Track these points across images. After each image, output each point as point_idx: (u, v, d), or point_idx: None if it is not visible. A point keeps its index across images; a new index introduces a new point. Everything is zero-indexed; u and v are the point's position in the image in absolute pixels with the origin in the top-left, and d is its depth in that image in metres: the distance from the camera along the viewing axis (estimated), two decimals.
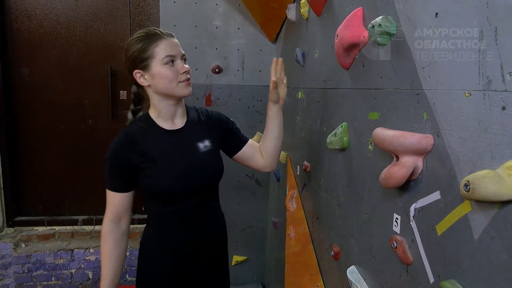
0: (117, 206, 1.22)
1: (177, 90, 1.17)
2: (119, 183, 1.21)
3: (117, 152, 1.18)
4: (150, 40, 1.14)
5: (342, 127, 1.18)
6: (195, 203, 1.25)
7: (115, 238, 1.23)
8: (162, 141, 1.21)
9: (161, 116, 1.23)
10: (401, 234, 0.85)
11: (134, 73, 1.18)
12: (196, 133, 1.27)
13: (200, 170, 1.23)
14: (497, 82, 0.57)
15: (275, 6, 2.10)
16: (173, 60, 1.16)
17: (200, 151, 1.25)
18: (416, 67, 0.79)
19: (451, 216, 0.67)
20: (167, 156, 1.19)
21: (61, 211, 2.81)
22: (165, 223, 1.25)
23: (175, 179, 1.19)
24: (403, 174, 0.77)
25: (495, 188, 0.54)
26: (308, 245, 1.56)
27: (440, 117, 0.71)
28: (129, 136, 1.19)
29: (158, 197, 1.22)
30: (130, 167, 1.18)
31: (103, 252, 1.24)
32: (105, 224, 1.23)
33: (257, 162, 1.37)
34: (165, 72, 1.14)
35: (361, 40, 1.05)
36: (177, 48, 1.18)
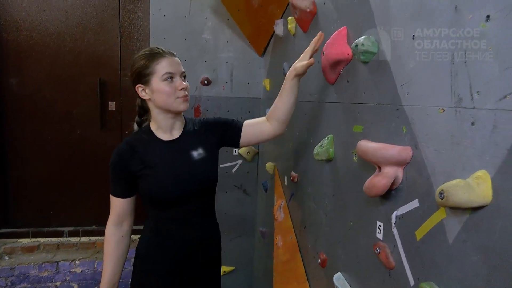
0: (118, 210, 1.32)
1: (174, 105, 1.25)
2: (120, 189, 1.31)
3: (118, 159, 1.28)
4: (153, 58, 1.23)
5: (328, 139, 1.24)
6: (191, 208, 1.33)
7: (116, 239, 1.33)
8: (159, 150, 1.29)
9: (160, 128, 1.31)
10: (384, 240, 0.90)
11: (137, 87, 1.27)
12: (190, 142, 1.34)
13: (194, 176, 1.30)
14: (467, 100, 0.63)
15: (263, 21, 2.17)
16: (172, 77, 1.24)
17: (194, 159, 1.32)
18: (396, 84, 0.85)
19: (429, 222, 0.73)
20: (163, 164, 1.28)
21: (47, 223, 2.77)
22: (162, 227, 1.33)
23: (170, 184, 1.27)
24: (385, 183, 0.82)
25: (466, 196, 0.60)
26: (296, 254, 1.60)
27: (418, 131, 0.77)
28: (130, 145, 1.29)
29: (155, 202, 1.30)
30: (130, 174, 1.27)
31: (105, 253, 1.34)
32: (108, 227, 1.34)
33: (266, 134, 1.39)
34: (164, 88, 1.22)
35: (345, 57, 1.11)
36: (177, 66, 1.26)
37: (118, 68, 2.75)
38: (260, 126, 1.40)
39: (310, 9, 1.45)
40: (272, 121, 1.37)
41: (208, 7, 2.50)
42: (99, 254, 2.66)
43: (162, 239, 1.33)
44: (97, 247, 2.72)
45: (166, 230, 1.33)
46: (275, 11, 2.02)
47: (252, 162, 2.67)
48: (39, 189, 2.73)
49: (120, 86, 2.76)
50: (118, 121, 2.79)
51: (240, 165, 2.66)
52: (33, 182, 2.72)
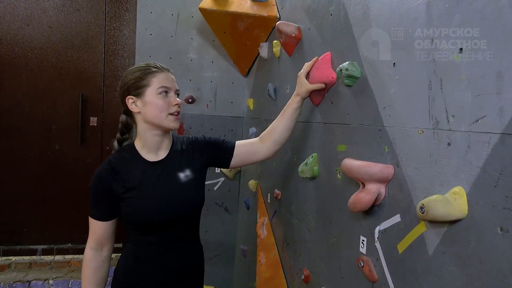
0: (99, 234, 1.23)
1: (165, 122, 1.19)
2: (101, 212, 1.22)
3: (100, 180, 1.19)
4: (149, 71, 1.20)
5: (313, 157, 1.29)
6: (174, 233, 1.26)
7: (96, 265, 1.24)
8: (143, 172, 1.21)
9: (145, 147, 1.24)
10: (367, 254, 0.95)
11: (127, 99, 1.20)
12: (177, 163, 1.27)
13: (180, 200, 1.24)
14: (443, 123, 0.70)
15: (248, 43, 2.25)
16: (166, 92, 1.20)
17: (181, 181, 1.25)
18: (378, 106, 0.92)
19: (410, 236, 0.78)
20: (147, 187, 1.20)
21: (19, 240, 2.68)
22: (143, 253, 1.25)
23: (154, 209, 1.20)
24: (369, 199, 0.87)
25: (445, 210, 0.65)
26: (279, 271, 1.62)
27: (399, 150, 0.83)
28: (112, 166, 1.20)
29: (137, 227, 1.23)
30: (111, 196, 1.19)
31: (84, 278, 1.25)
32: (86, 251, 1.24)
33: (259, 155, 1.36)
34: (157, 102, 1.17)
35: (330, 80, 1.18)
36: (173, 82, 1.23)
37: (101, 84, 2.75)
38: (253, 147, 1.36)
39: (295, 34, 1.53)
40: (268, 142, 1.33)
41: (194, 28, 2.56)
42: (74, 273, 2.58)
43: (142, 266, 1.24)
44: (72, 265, 2.64)
45: (147, 256, 1.24)
46: (260, 34, 2.10)
47: (234, 180, 2.70)
48: (12, 205, 2.65)
49: (103, 102, 2.76)
50: (99, 137, 2.77)
51: (222, 183, 2.68)
52: (6, 198, 2.64)
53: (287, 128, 1.32)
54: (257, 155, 1.36)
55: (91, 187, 1.21)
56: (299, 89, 1.28)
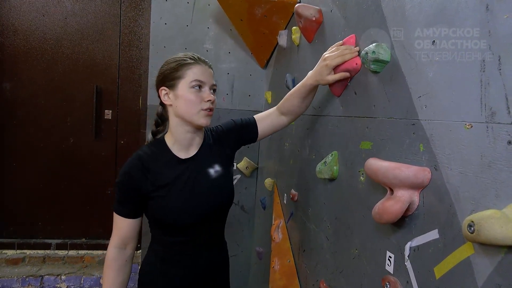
0: (124, 232, 1.17)
1: (196, 118, 1.12)
2: (128, 209, 1.16)
3: (129, 177, 1.13)
4: (185, 62, 1.13)
5: (333, 155, 1.13)
6: (204, 232, 1.22)
7: (119, 265, 1.18)
8: (174, 170, 1.16)
9: (176, 143, 1.18)
10: (394, 274, 0.79)
11: (160, 89, 1.16)
12: (207, 159, 1.22)
13: (211, 198, 1.20)
14: (502, 114, 0.53)
15: (267, 32, 2.09)
16: (200, 86, 1.13)
17: (212, 177, 1.21)
18: (412, 96, 0.75)
19: (451, 258, 0.62)
20: (178, 186, 1.15)
21: (34, 234, 2.65)
22: (169, 253, 1.20)
23: (185, 209, 1.15)
24: (398, 209, 0.71)
25: (503, 231, 0.49)
26: (294, 280, 1.47)
27: (438, 149, 0.67)
28: (142, 162, 1.14)
29: (165, 227, 1.17)
30: (140, 194, 1.14)
31: (106, 279, 1.18)
32: (110, 250, 1.18)
33: (277, 127, 1.35)
34: (189, 96, 1.11)
35: (353, 67, 1.02)
36: (209, 76, 1.15)
37: (116, 76, 2.67)
38: (273, 120, 1.32)
39: (316, 18, 1.36)
40: (285, 113, 1.30)
41: (210, 16, 2.43)
42: (86, 269, 2.53)
43: (168, 267, 1.20)
44: (85, 261, 2.59)
45: (173, 257, 1.20)
46: (279, 21, 1.95)
47: (250, 177, 2.56)
48: (27, 198, 2.62)
49: (118, 94, 2.68)
50: (113, 130, 2.69)
51: (238, 180, 2.54)
52: (22, 191, 2.62)
53: (306, 104, 1.26)
54: (278, 127, 1.34)
55: (119, 183, 1.14)
56: (318, 76, 1.11)
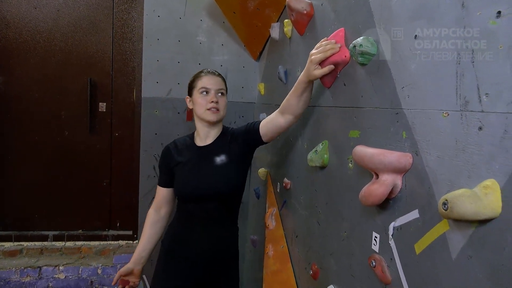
0: (159, 197, 1.61)
1: (204, 115, 1.50)
2: (162, 179, 1.60)
3: (164, 154, 1.60)
4: (198, 76, 1.56)
5: (323, 144, 1.19)
6: (210, 207, 1.50)
7: (152, 220, 1.59)
8: (191, 153, 1.54)
9: (198, 135, 1.58)
10: (380, 252, 0.85)
11: (186, 98, 1.61)
12: (216, 149, 1.53)
13: (211, 181, 1.48)
14: (474, 103, 0.58)
15: (259, 24, 2.13)
16: (207, 91, 1.50)
17: (215, 164, 1.50)
18: (396, 86, 0.81)
19: (429, 235, 0.67)
20: (189, 165, 1.52)
21: (31, 226, 2.68)
22: (185, 220, 1.55)
23: (191, 184, 1.49)
24: (382, 192, 0.77)
25: (473, 207, 0.54)
26: (287, 264, 1.53)
27: (419, 136, 0.72)
28: (174, 145, 1.60)
29: (180, 196, 1.56)
30: (169, 167, 1.56)
31: (144, 229, 1.60)
32: (149, 211, 1.62)
33: (280, 128, 1.42)
34: (198, 100, 1.51)
35: (342, 59, 1.07)
36: (214, 83, 1.52)
37: (109, 69, 2.68)
38: (274, 123, 1.41)
39: (307, 11, 1.40)
40: (285, 114, 1.36)
41: (203, 9, 2.45)
42: (84, 260, 2.57)
43: (185, 232, 1.53)
44: (82, 252, 2.63)
45: (188, 223, 1.53)
46: (271, 14, 1.98)
47: None
48: (23, 191, 2.64)
49: (112, 87, 2.69)
50: (108, 123, 2.71)
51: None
52: (18, 184, 2.63)
53: (303, 102, 1.29)
54: (280, 129, 1.43)
55: (159, 160, 1.63)
56: (307, 72, 1.16)
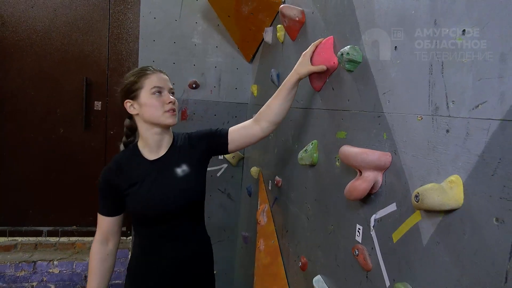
0: (105, 228, 1.32)
1: (162, 119, 1.25)
2: (107, 207, 1.31)
3: (105, 178, 1.29)
4: (142, 74, 1.27)
5: (313, 144, 1.27)
6: (177, 224, 1.32)
7: (101, 257, 1.33)
8: (144, 170, 1.29)
9: (147, 147, 1.31)
10: (362, 243, 0.93)
11: (125, 102, 1.28)
12: (174, 159, 1.33)
13: (177, 193, 1.29)
14: (443, 109, 0.67)
15: (253, 28, 2.20)
16: (160, 91, 1.26)
17: (178, 176, 1.31)
18: (378, 92, 0.89)
19: (405, 225, 0.76)
20: (147, 183, 1.27)
21: (25, 222, 2.72)
22: (149, 244, 1.33)
23: (154, 202, 1.27)
24: (365, 187, 0.85)
25: (440, 199, 0.63)
26: (277, 258, 1.61)
27: (397, 137, 0.81)
28: (117, 164, 1.31)
29: (140, 220, 1.32)
30: (116, 193, 1.28)
31: (90, 269, 1.34)
32: (93, 244, 1.34)
33: (255, 137, 1.36)
34: (152, 101, 1.24)
35: (331, 65, 1.15)
36: (165, 81, 1.29)
37: (105, 68, 2.74)
38: (247, 130, 1.36)
39: (299, 18, 1.49)
40: (262, 122, 1.32)
41: (198, 12, 2.52)
42: (78, 255, 2.62)
43: (150, 258, 1.33)
44: (76, 247, 2.68)
45: (153, 248, 1.32)
46: (264, 19, 2.06)
47: (237, 166, 2.69)
48: (18, 187, 2.68)
49: (107, 86, 2.75)
50: (103, 121, 2.77)
51: (225, 169, 2.67)
52: (13, 180, 2.67)
53: (283, 109, 1.29)
54: (253, 137, 1.36)
55: (98, 185, 1.30)
56: (299, 69, 1.24)
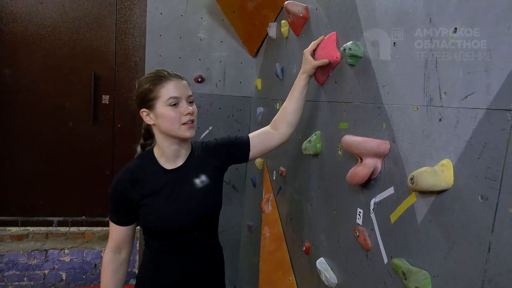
0: (117, 238, 1.28)
1: (179, 132, 1.19)
2: (119, 217, 1.27)
3: (118, 188, 1.22)
4: (158, 81, 1.18)
5: (316, 135, 1.34)
6: (191, 239, 1.28)
7: (114, 268, 1.29)
8: (161, 180, 1.23)
9: (164, 156, 1.25)
10: (363, 225, 1.00)
11: (141, 111, 1.22)
12: (193, 170, 1.28)
13: (196, 206, 1.26)
14: (436, 99, 0.74)
15: (257, 23, 2.26)
16: (177, 102, 1.18)
17: (197, 188, 1.27)
18: (378, 85, 0.96)
19: (401, 207, 0.83)
20: (164, 194, 1.22)
21: (36, 212, 2.81)
22: (161, 258, 1.28)
23: (171, 216, 1.23)
24: (365, 172, 0.92)
25: (432, 181, 0.70)
26: (282, 244, 1.69)
27: (395, 126, 0.88)
28: (131, 174, 1.23)
29: (154, 233, 1.27)
30: (130, 204, 1.22)
31: (102, 280, 1.30)
32: (106, 254, 1.30)
33: (275, 142, 1.36)
34: (168, 113, 1.16)
35: (334, 60, 1.21)
36: (183, 89, 1.20)
37: (112, 63, 2.80)
38: (268, 135, 1.35)
39: (302, 14, 1.55)
40: (281, 125, 1.33)
41: (204, 7, 2.58)
42: (88, 244, 2.71)
43: (160, 274, 1.28)
44: (86, 237, 2.77)
45: (165, 264, 1.28)
46: (269, 14, 2.12)
47: None
48: (29, 179, 2.77)
49: (114, 80, 2.82)
50: (110, 115, 2.84)
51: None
52: (23, 173, 2.75)
53: (297, 109, 1.32)
54: (273, 141, 1.36)
55: (110, 194, 1.24)
56: (304, 66, 1.30)
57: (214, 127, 2.65)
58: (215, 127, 2.64)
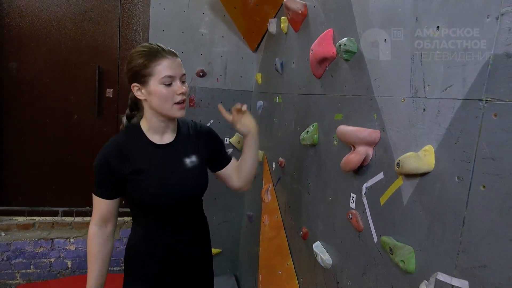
0: (103, 211, 1.27)
1: (171, 111, 1.20)
2: (105, 191, 1.24)
3: (105, 161, 1.20)
4: (153, 57, 1.16)
5: (313, 126, 1.42)
6: (180, 214, 1.33)
7: (100, 241, 1.28)
8: (150, 154, 1.24)
9: (151, 129, 1.26)
10: (355, 208, 1.08)
11: (132, 86, 1.21)
12: (184, 149, 1.31)
13: (185, 185, 1.29)
14: (421, 91, 0.81)
15: (258, 19, 2.33)
16: (171, 81, 1.18)
17: (187, 167, 1.29)
18: (370, 78, 1.03)
19: (390, 190, 0.91)
20: (154, 170, 1.23)
21: (42, 203, 2.88)
22: (150, 233, 1.31)
23: (160, 191, 1.24)
24: (358, 159, 1.00)
25: (416, 164, 0.78)
26: (281, 231, 1.78)
27: (385, 116, 0.95)
28: (118, 147, 1.22)
29: (143, 208, 1.28)
30: (117, 177, 1.21)
31: (89, 254, 1.29)
32: (91, 227, 1.29)
33: (233, 183, 1.45)
34: (162, 92, 1.16)
35: (330, 55, 1.29)
36: (178, 68, 1.20)
37: (116, 58, 2.87)
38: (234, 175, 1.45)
39: (301, 11, 1.62)
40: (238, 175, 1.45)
41: (205, 3, 2.64)
42: None
43: (150, 246, 1.31)
44: None
45: (155, 237, 1.31)
46: (269, 10, 2.19)
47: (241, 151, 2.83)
48: (34, 170, 2.84)
49: (118, 74, 2.88)
50: (114, 108, 2.91)
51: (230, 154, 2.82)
52: (29, 164, 2.83)
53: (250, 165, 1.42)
54: (232, 183, 1.46)
55: (96, 166, 1.22)
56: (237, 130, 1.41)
57: (215, 120, 2.73)
58: (216, 120, 2.72)
